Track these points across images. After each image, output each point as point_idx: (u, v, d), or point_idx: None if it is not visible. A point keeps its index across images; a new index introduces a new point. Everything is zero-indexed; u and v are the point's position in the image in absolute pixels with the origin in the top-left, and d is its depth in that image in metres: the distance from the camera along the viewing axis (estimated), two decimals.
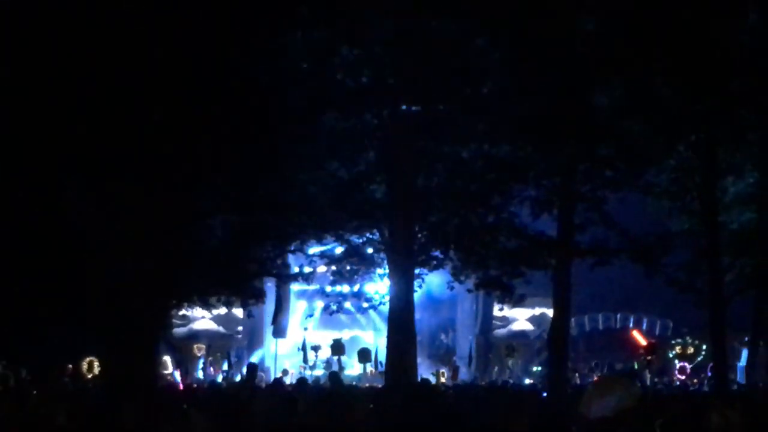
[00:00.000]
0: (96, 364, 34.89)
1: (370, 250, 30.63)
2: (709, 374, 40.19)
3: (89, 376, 35.57)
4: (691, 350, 47.19)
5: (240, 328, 54.04)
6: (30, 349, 28.79)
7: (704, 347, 45.19)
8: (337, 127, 24.12)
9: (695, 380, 41.51)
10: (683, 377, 43.07)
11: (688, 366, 44.93)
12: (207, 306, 39.31)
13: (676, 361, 45.56)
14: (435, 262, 29.06)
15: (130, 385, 16.75)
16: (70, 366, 35.61)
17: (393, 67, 22.91)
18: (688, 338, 47.90)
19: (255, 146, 21.55)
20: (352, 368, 46.55)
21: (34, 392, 23.44)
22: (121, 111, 16.74)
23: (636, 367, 41.18)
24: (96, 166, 17.20)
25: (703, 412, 13.88)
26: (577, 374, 41.64)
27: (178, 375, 43.16)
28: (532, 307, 50.36)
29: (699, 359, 45.66)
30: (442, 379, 44.56)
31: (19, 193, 19.26)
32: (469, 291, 34.91)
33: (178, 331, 51.77)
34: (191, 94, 17.80)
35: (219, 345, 52.93)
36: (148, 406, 15.55)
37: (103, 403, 16.89)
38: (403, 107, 24.05)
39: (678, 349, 47.77)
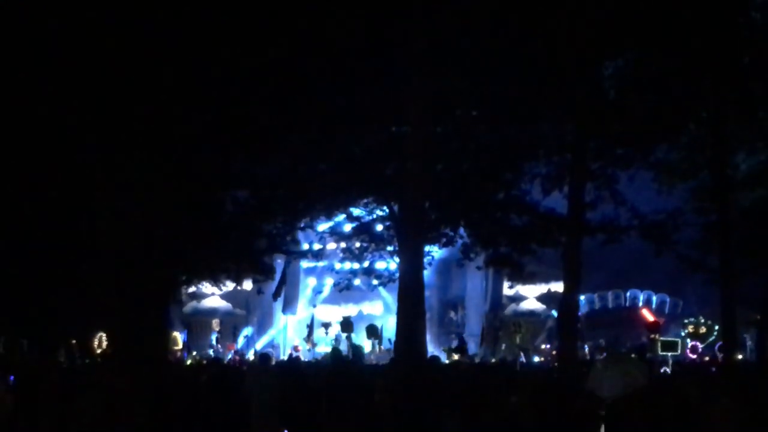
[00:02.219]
0: (105, 339, 34.93)
1: (379, 227, 30.65)
2: (718, 353, 40.24)
3: (98, 351, 35.58)
4: (703, 330, 47.04)
5: (249, 305, 53.99)
6: (39, 323, 28.86)
7: (717, 327, 45.09)
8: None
9: (706, 358, 41.47)
10: (694, 356, 42.99)
11: (699, 345, 44.80)
12: (217, 282, 39.46)
13: (688, 340, 45.39)
14: (445, 239, 29.04)
15: (138, 359, 16.79)
16: (74, 341, 35.64)
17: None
18: (701, 317, 47.75)
19: (265, 122, 21.56)
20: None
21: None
22: (134, 85, 16.75)
23: (654, 345, 41.19)
24: (110, 135, 17.22)
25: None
26: (586, 349, 41.74)
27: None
28: (547, 281, 50.37)
29: (711, 339, 45.54)
30: (455, 356, 44.71)
31: (34, 163, 19.31)
32: (478, 268, 34.93)
33: (187, 307, 51.91)
34: (205, 71, 17.82)
35: (228, 322, 53.07)
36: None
37: None
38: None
39: (690, 328, 47.64)
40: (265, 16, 18.69)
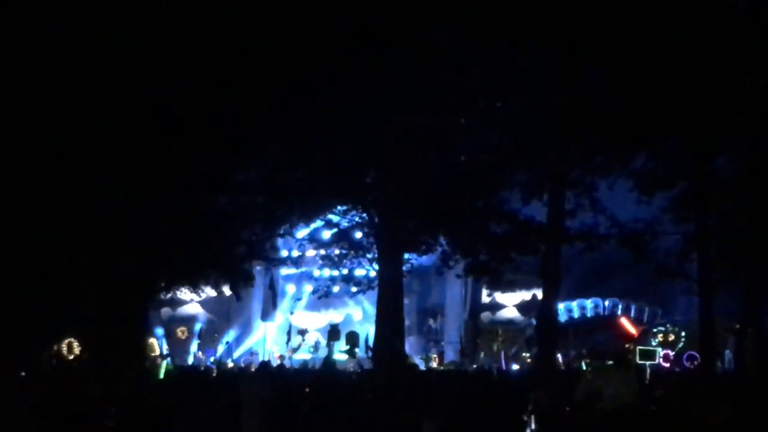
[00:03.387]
0: (76, 345, 34.68)
1: (359, 235, 30.59)
2: (686, 364, 40.48)
3: (70, 357, 35.32)
4: (671, 338, 47.30)
5: (228, 312, 53.78)
6: (11, 328, 28.56)
7: (683, 334, 45.41)
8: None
9: (686, 365, 41.62)
10: (668, 364, 43.18)
11: (671, 353, 45.01)
12: (196, 289, 39.32)
13: (659, 349, 45.60)
14: (424, 247, 28.99)
15: (118, 364, 16.72)
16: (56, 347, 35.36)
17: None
18: (668, 326, 48.03)
19: (246, 128, 21.50)
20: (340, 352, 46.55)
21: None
22: (117, 94, 16.72)
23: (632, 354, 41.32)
24: (91, 144, 17.16)
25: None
26: (561, 359, 41.76)
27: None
28: (528, 289, 50.35)
29: (680, 346, 45.78)
30: (433, 364, 44.75)
31: (10, 167, 19.19)
32: (458, 276, 34.91)
33: (165, 313, 51.66)
34: (184, 79, 17.79)
35: (207, 329, 52.87)
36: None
37: None
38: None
39: (660, 336, 47.90)
40: (251, 27, 18.67)
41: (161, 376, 29.63)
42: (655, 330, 48.55)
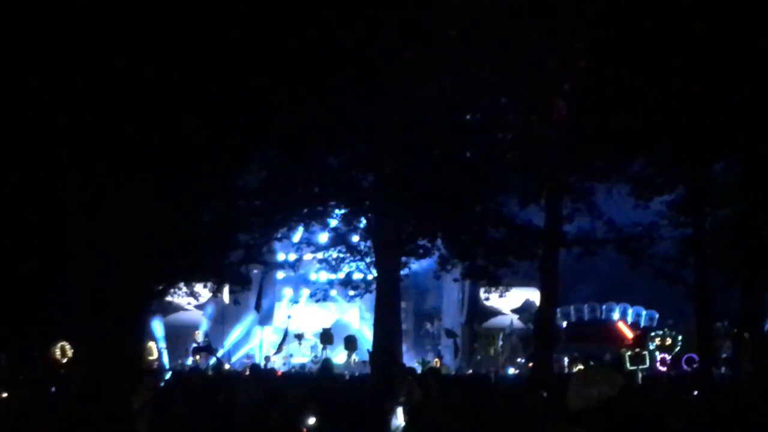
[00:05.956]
0: (68, 348, 34.44)
1: (356, 238, 30.60)
2: (684, 367, 40.39)
3: (63, 361, 35.07)
4: (669, 341, 47.24)
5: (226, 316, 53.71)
6: (12, 332, 28.47)
7: (680, 338, 45.38)
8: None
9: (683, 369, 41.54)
10: (664, 368, 43.09)
11: (667, 357, 44.94)
12: (193, 293, 39.29)
13: (657, 353, 45.56)
14: (422, 251, 29.00)
15: (114, 368, 16.69)
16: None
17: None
18: (666, 330, 47.96)
19: (242, 134, 21.50)
20: (338, 356, 46.49)
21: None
22: (112, 101, 16.71)
23: (623, 359, 41.22)
24: (88, 150, 17.17)
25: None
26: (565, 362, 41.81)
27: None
28: (526, 292, 50.26)
29: (676, 350, 45.73)
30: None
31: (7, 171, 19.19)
32: (455, 280, 34.93)
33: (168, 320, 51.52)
34: (181, 84, 17.78)
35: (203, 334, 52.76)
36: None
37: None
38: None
39: (657, 340, 47.83)
40: (246, 32, 18.67)
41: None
42: (652, 334, 48.46)
